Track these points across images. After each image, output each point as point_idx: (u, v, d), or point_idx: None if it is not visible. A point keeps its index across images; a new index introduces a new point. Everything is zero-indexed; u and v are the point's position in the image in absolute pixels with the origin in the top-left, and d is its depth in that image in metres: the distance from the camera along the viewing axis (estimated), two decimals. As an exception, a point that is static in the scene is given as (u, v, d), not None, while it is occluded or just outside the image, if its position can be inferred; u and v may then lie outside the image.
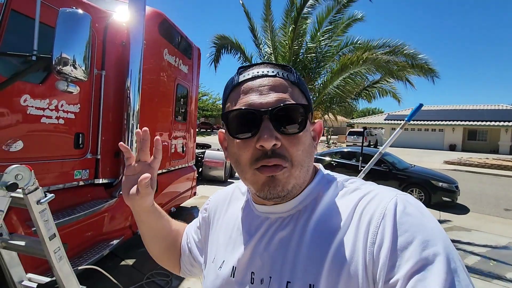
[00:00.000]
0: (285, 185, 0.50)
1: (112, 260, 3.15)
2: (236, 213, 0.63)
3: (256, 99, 0.49)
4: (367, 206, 0.47)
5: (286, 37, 5.53)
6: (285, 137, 0.49)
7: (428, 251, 0.40)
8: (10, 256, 1.39)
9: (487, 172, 13.66)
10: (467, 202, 7.39)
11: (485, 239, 4.72)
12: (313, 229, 0.50)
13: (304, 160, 0.51)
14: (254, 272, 0.53)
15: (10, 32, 1.94)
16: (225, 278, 0.56)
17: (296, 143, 0.49)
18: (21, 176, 1.10)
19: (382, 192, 0.49)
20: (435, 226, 0.43)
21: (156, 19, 3.42)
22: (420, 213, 0.44)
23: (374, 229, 0.44)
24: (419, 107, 1.79)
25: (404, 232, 0.42)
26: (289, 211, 0.54)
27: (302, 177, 0.52)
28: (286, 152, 0.49)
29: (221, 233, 0.64)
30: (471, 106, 29.53)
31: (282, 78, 0.51)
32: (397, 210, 0.44)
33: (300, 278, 0.47)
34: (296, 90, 0.52)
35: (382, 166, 7.67)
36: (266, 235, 0.55)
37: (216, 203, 0.72)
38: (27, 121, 2.11)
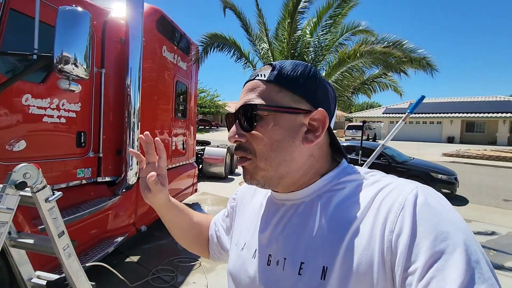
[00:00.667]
0: (253, 175, 0.57)
1: (117, 257, 3.18)
2: (260, 201, 0.67)
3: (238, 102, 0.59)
4: (387, 196, 0.48)
5: (283, 31, 5.51)
6: (249, 133, 0.56)
7: (448, 242, 0.40)
8: (19, 254, 1.40)
9: (486, 164, 13.75)
10: (466, 193, 7.46)
11: (484, 230, 4.78)
12: (329, 216, 0.52)
13: (269, 154, 0.55)
14: (271, 254, 0.56)
15: (10, 32, 1.93)
16: (246, 258, 0.60)
17: (256, 139, 0.55)
18: (29, 175, 1.11)
19: (403, 183, 0.50)
20: (456, 218, 0.43)
21: (154, 15, 3.41)
22: (441, 205, 0.44)
23: (394, 218, 0.44)
24: (421, 99, 1.80)
25: (425, 222, 0.42)
26: (303, 198, 0.57)
27: (273, 170, 0.55)
28: (250, 146, 0.56)
29: (246, 218, 0.68)
30: (469, 98, 29.60)
31: (258, 80, 0.57)
32: (417, 200, 0.44)
33: (314, 259, 0.49)
34: (271, 86, 0.55)
35: (381, 159, 7.71)
36: (282, 220, 0.58)
37: (243, 192, 0.76)
38: (29, 120, 2.11)
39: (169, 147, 4.00)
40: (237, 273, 0.61)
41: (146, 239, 3.71)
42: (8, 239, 1.34)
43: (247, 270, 0.59)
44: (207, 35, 5.45)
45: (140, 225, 3.20)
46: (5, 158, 1.93)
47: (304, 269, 0.50)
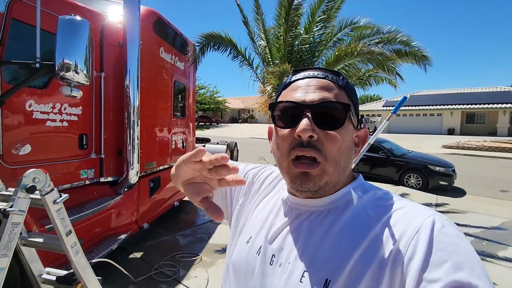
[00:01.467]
0: (317, 182, 0.52)
1: (121, 253, 3.29)
2: (277, 198, 0.66)
3: (302, 95, 0.54)
4: (402, 217, 0.47)
5: (280, 29, 5.54)
6: (323, 132, 0.52)
7: (464, 274, 0.38)
8: (30, 252, 1.51)
9: (485, 155, 13.82)
10: (464, 185, 7.55)
11: (480, 221, 4.87)
12: (340, 228, 0.51)
13: (340, 159, 0.53)
14: (275, 255, 0.56)
15: (13, 41, 2.01)
16: (250, 253, 0.60)
17: (333, 140, 0.52)
18: (38, 179, 1.20)
19: (420, 208, 0.49)
20: (472, 251, 0.42)
21: (150, 17, 3.47)
22: (457, 235, 0.43)
23: (407, 241, 0.43)
24: (403, 100, 1.88)
25: (440, 250, 0.41)
26: (319, 207, 0.56)
27: (336, 175, 0.53)
28: (322, 146, 0.51)
29: (257, 211, 0.67)
30: (469, 89, 29.54)
31: (330, 81, 0.55)
32: (435, 227, 0.43)
33: (317, 271, 0.49)
34: (343, 93, 0.55)
35: (380, 153, 7.80)
36: (293, 224, 0.58)
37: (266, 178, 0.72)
38: (33, 125, 2.20)
39: (169, 146, 4.09)
40: (240, 266, 0.61)
41: (148, 236, 3.82)
42: (20, 239, 1.44)
43: (250, 265, 0.59)
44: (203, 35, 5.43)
45: (142, 222, 3.32)
46: (11, 162, 2.03)
47: (305, 277, 0.49)
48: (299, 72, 0.59)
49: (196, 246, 3.66)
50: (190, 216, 4.95)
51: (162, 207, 3.98)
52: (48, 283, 1.55)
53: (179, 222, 4.52)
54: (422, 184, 7.17)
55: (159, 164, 3.80)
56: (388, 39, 4.90)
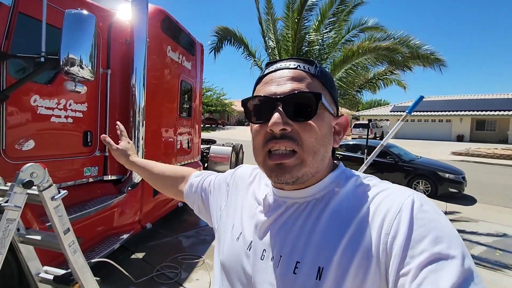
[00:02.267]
0: (294, 173, 0.52)
1: (122, 253, 3.25)
2: (262, 192, 0.66)
3: (273, 88, 0.53)
4: (384, 200, 0.49)
5: (288, 30, 5.50)
6: (297, 123, 0.52)
7: (442, 246, 0.41)
8: (27, 250, 1.46)
9: (496, 163, 13.50)
10: (474, 193, 7.35)
11: (492, 229, 4.71)
12: (328, 217, 0.52)
13: (318, 149, 0.53)
14: (266, 249, 0.56)
15: (19, 35, 1.99)
16: (241, 248, 0.60)
17: (309, 130, 0.52)
18: (36, 174, 1.16)
19: (400, 189, 0.51)
20: (450, 226, 0.44)
21: (158, 16, 3.45)
22: (435, 212, 0.46)
23: (390, 221, 0.45)
24: (420, 99, 1.80)
25: (420, 226, 0.43)
26: (305, 198, 0.57)
27: (314, 166, 0.53)
28: (297, 137, 0.51)
29: (244, 207, 0.67)
30: (479, 96, 29.04)
31: (302, 71, 0.54)
32: (414, 205, 0.46)
33: (310, 260, 0.50)
34: (316, 82, 0.54)
35: (387, 158, 7.66)
36: (281, 217, 0.58)
37: (243, 174, 0.75)
38: (37, 120, 2.17)
39: (174, 146, 4.05)
40: (230, 263, 0.61)
41: (151, 236, 3.78)
42: (17, 235, 1.40)
43: (240, 261, 0.59)
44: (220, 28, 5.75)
45: (145, 222, 3.27)
46: (14, 157, 2.00)
47: (299, 268, 0.50)
48: (272, 65, 0.58)
49: (199, 248, 3.60)
50: (193, 217, 4.90)
51: (165, 208, 3.93)
52: (45, 282, 1.50)
53: (182, 223, 4.47)
54: (430, 191, 7.00)
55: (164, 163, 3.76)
56: (400, 42, 4.80)
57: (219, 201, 0.76)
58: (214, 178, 0.83)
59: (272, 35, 5.88)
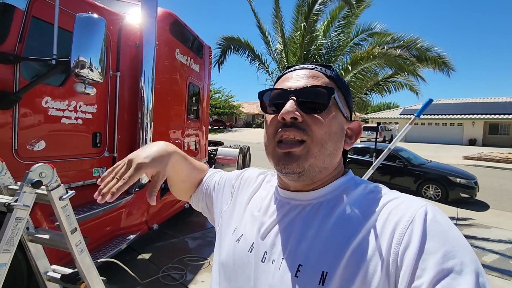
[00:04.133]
0: (301, 162, 0.52)
1: (129, 253, 3.28)
2: (265, 194, 0.66)
3: (289, 83, 0.56)
4: (395, 209, 0.48)
5: (296, 33, 5.50)
6: (308, 115, 0.53)
7: (456, 261, 0.39)
8: (36, 249, 1.49)
9: (510, 168, 13.12)
10: (487, 198, 7.16)
11: (505, 237, 4.57)
12: (335, 221, 0.51)
13: (327, 142, 0.53)
14: (267, 252, 0.55)
15: (32, 38, 2.05)
16: (241, 251, 0.59)
17: (319, 122, 0.52)
18: (45, 174, 1.18)
19: (412, 199, 0.50)
20: (463, 239, 0.43)
21: (167, 19, 3.49)
22: (448, 224, 0.45)
23: (402, 231, 0.44)
24: (428, 102, 1.77)
25: (433, 238, 0.42)
26: (311, 200, 0.56)
27: (321, 159, 0.53)
28: (307, 127, 0.52)
29: (247, 209, 0.66)
30: (492, 99, 28.36)
31: (319, 71, 0.57)
32: (427, 216, 0.44)
33: (314, 264, 0.48)
34: (331, 83, 0.56)
35: (397, 162, 7.53)
36: (284, 219, 0.57)
37: (249, 177, 0.74)
38: (48, 121, 2.22)
39: (181, 147, 4.08)
40: (231, 265, 0.59)
41: (157, 237, 3.80)
42: (26, 234, 1.42)
43: (242, 263, 0.57)
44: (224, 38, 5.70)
45: (152, 223, 3.29)
46: (26, 157, 2.05)
47: (301, 272, 0.49)
48: (292, 67, 0.61)
49: (205, 249, 3.61)
50: (200, 218, 4.91)
51: (172, 209, 3.96)
52: (53, 281, 1.52)
53: (189, 225, 4.49)
54: (441, 195, 6.85)
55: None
56: (408, 44, 4.75)
57: (222, 203, 0.75)
58: (219, 178, 0.81)
59: (280, 37, 5.88)
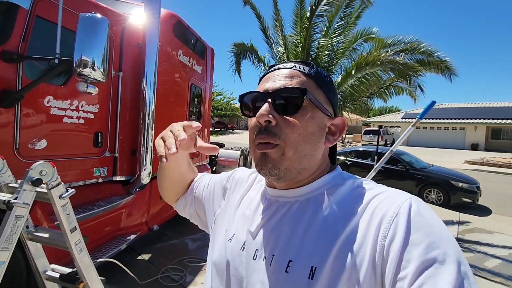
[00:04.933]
0: (276, 164, 0.53)
1: (129, 254, 3.27)
2: (255, 194, 0.67)
3: (267, 85, 0.56)
4: (381, 203, 0.49)
5: (298, 36, 5.50)
6: (282, 118, 0.53)
7: (439, 251, 0.41)
8: (36, 248, 1.48)
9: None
10: (489, 203, 7.11)
11: (508, 242, 4.53)
12: (323, 217, 0.52)
13: (301, 145, 0.53)
14: (258, 249, 0.56)
15: (35, 37, 2.05)
16: (233, 250, 0.59)
17: (292, 125, 0.53)
18: (45, 172, 1.18)
19: (397, 193, 0.51)
20: (446, 230, 0.45)
21: (170, 20, 3.51)
22: (432, 217, 0.46)
23: (387, 224, 0.45)
24: (431, 105, 1.76)
25: (417, 230, 0.43)
26: (298, 197, 0.57)
27: (297, 161, 0.54)
28: (280, 131, 0.53)
29: (239, 209, 0.67)
30: (495, 104, 28.26)
31: (297, 70, 0.56)
32: (411, 209, 0.45)
33: (303, 259, 0.49)
34: (310, 81, 0.56)
35: (398, 165, 7.50)
36: (274, 216, 0.58)
37: (240, 178, 0.75)
38: (50, 121, 2.22)
39: (183, 149, 4.08)
40: (223, 264, 0.60)
41: (157, 238, 3.79)
42: (26, 233, 1.42)
43: (234, 262, 0.58)
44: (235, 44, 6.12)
45: (152, 224, 3.28)
46: (27, 156, 2.05)
47: (291, 267, 0.49)
48: (273, 66, 0.61)
49: (205, 251, 3.57)
50: (200, 220, 4.89)
51: (172, 210, 3.94)
52: (52, 280, 1.51)
53: (189, 226, 4.47)
54: (443, 200, 6.81)
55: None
56: (410, 48, 4.74)
57: (214, 206, 0.76)
58: (208, 181, 0.82)
59: (281, 40, 5.90)
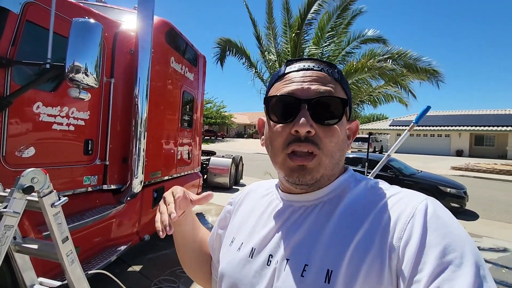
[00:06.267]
0: (314, 174, 0.52)
1: (119, 266, 3.16)
2: (260, 204, 0.66)
3: (298, 88, 0.53)
4: (396, 203, 0.48)
5: (288, 44, 5.59)
6: (321, 127, 0.51)
7: (456, 254, 0.39)
8: (23, 260, 1.41)
9: (496, 178, 13.45)
10: (476, 208, 7.27)
11: (496, 246, 4.63)
12: (337, 219, 0.51)
13: (335, 153, 0.53)
14: (272, 254, 0.54)
15: (25, 42, 2.00)
16: (243, 258, 0.58)
17: (331, 135, 0.52)
18: (37, 180, 1.13)
19: (412, 194, 0.50)
20: (464, 231, 0.43)
21: (163, 28, 3.50)
22: (449, 218, 0.45)
23: (403, 225, 0.44)
24: (426, 109, 1.80)
25: (434, 231, 0.42)
26: (313, 201, 0.56)
27: (330, 168, 0.54)
28: (319, 141, 0.51)
29: (243, 221, 0.66)
30: (478, 111, 29.30)
31: (326, 73, 0.54)
32: (428, 210, 0.44)
33: (319, 262, 0.48)
34: (339, 86, 0.55)
35: (388, 171, 7.61)
36: (288, 221, 0.57)
37: (240, 197, 0.74)
38: (39, 127, 2.15)
39: (175, 156, 4.02)
40: (232, 273, 0.58)
41: (149, 248, 3.69)
42: (13, 244, 1.35)
43: (244, 270, 0.56)
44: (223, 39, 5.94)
45: (144, 234, 3.19)
46: (14, 164, 1.97)
47: (307, 271, 0.48)
48: (293, 63, 0.57)
49: (197, 261, 3.50)
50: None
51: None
52: (40, 294, 1.44)
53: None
54: (432, 205, 6.92)
55: (164, 174, 3.72)
56: (398, 54, 4.88)
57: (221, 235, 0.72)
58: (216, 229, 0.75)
59: (273, 48, 5.97)
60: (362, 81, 5.21)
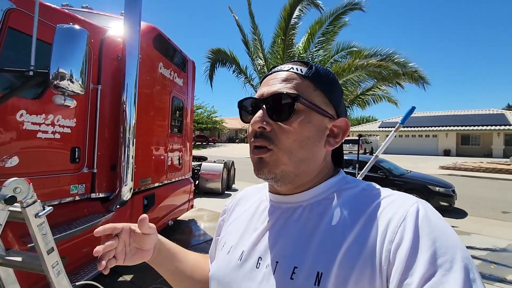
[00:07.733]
0: (271, 168, 0.54)
1: (109, 276, 3.08)
2: (251, 206, 0.66)
3: (264, 90, 0.56)
4: (387, 206, 0.48)
5: (278, 47, 5.64)
6: (277, 124, 0.54)
7: (447, 258, 0.40)
8: (7, 273, 1.36)
9: (483, 176, 13.79)
10: (465, 206, 7.43)
11: (484, 242, 4.72)
12: (328, 221, 0.51)
13: (296, 150, 0.53)
14: (261, 257, 0.54)
15: (7, 49, 1.96)
16: (232, 261, 0.58)
17: (286, 131, 0.53)
18: (20, 189, 1.10)
19: (404, 196, 0.50)
20: (454, 235, 0.44)
21: (150, 33, 3.49)
22: (440, 221, 0.45)
23: (394, 229, 0.44)
24: (411, 110, 1.84)
25: (425, 235, 0.42)
26: (301, 202, 0.56)
27: (293, 166, 0.54)
28: (274, 137, 0.53)
29: (234, 225, 0.66)
30: (463, 112, 30.11)
31: (294, 73, 0.56)
32: (419, 213, 0.45)
33: (309, 265, 0.48)
34: (307, 82, 0.55)
35: (378, 172, 7.71)
36: (277, 223, 0.57)
37: (233, 203, 0.75)
38: (23, 136, 2.10)
39: (165, 162, 3.98)
40: (222, 277, 0.58)
41: (140, 257, 3.61)
42: (-4, 257, 1.30)
43: (233, 274, 0.56)
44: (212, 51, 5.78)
45: (134, 242, 3.13)
46: (-3, 174, 1.91)
47: (296, 273, 0.48)
48: (273, 68, 0.61)
49: (190, 268, 3.45)
50: (185, 236, 4.75)
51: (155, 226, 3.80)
52: (24, 308, 1.39)
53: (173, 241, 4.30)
54: (422, 204, 7.03)
55: (154, 180, 3.67)
56: (386, 59, 4.98)
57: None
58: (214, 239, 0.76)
59: (260, 53, 6.01)
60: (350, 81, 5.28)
